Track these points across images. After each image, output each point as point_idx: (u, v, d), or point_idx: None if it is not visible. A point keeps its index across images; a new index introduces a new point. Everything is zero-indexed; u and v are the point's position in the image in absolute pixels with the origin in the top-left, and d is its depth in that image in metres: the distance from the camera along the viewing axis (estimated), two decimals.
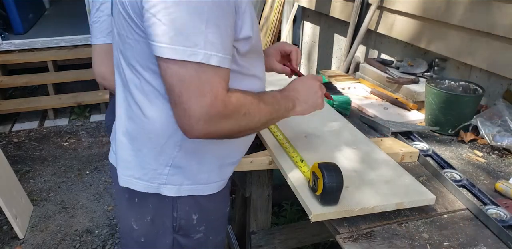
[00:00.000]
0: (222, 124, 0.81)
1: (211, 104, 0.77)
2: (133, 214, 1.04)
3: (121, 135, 0.99)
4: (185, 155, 0.95)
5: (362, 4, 2.20)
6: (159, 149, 0.94)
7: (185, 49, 0.74)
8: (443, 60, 1.80)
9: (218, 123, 0.81)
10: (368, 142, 1.22)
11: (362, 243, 0.87)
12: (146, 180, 0.97)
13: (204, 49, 0.75)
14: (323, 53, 2.95)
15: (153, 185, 0.97)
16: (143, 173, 0.97)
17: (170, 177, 0.97)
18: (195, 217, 1.03)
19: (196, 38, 0.74)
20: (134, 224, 1.04)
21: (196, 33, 0.74)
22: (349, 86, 1.80)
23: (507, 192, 1.05)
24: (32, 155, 3.16)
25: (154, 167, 0.96)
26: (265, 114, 0.91)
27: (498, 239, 0.90)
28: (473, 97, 1.37)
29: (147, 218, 1.02)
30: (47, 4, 6.03)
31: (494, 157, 1.26)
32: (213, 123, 0.80)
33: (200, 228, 1.06)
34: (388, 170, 1.07)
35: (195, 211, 1.02)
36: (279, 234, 1.71)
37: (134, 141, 0.96)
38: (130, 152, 0.97)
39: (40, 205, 2.58)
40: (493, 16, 1.48)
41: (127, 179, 0.99)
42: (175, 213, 1.01)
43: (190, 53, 0.74)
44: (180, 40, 0.74)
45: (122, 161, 1.00)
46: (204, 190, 1.01)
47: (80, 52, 4.08)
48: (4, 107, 3.58)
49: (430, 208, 0.99)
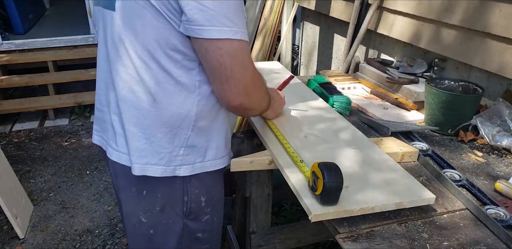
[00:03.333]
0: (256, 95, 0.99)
1: (252, 76, 0.94)
2: (141, 207, 1.09)
3: (132, 126, 1.02)
4: (197, 134, 1.04)
5: (362, 4, 2.20)
6: (174, 132, 1.01)
7: (230, 29, 0.87)
8: (442, 60, 1.80)
9: (254, 94, 0.97)
10: (368, 142, 1.22)
11: (362, 243, 0.87)
12: (163, 164, 1.03)
13: (240, 28, 0.89)
14: (323, 53, 2.96)
15: (169, 169, 1.04)
16: (159, 158, 1.03)
17: (185, 157, 1.04)
18: (203, 199, 1.12)
19: (235, 19, 0.88)
20: (142, 217, 1.09)
21: (234, 16, 0.88)
22: (349, 86, 1.80)
23: (506, 192, 1.05)
24: (33, 155, 3.16)
25: (170, 150, 1.03)
26: (267, 98, 1.11)
27: (497, 239, 0.90)
28: (473, 97, 1.37)
29: (156, 209, 1.08)
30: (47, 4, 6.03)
31: (494, 157, 1.26)
32: (252, 93, 0.96)
33: (208, 209, 1.14)
34: (388, 170, 1.07)
35: (203, 193, 1.11)
36: (279, 234, 1.71)
37: (147, 129, 1.01)
38: (144, 140, 1.02)
39: (41, 205, 2.58)
40: (493, 16, 1.48)
41: (143, 167, 1.03)
42: (186, 197, 1.08)
43: (234, 32, 0.88)
44: (226, 22, 0.86)
45: (135, 150, 1.03)
46: (214, 166, 1.10)
47: (80, 52, 4.08)
48: (5, 107, 3.58)
49: (430, 208, 0.99)
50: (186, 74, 0.98)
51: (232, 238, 1.84)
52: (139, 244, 1.16)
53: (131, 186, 1.07)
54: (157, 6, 0.88)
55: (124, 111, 1.03)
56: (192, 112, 1.01)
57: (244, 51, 0.91)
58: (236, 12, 0.88)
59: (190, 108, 1.00)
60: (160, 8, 0.88)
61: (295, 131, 1.26)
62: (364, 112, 1.56)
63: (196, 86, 0.99)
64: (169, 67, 0.95)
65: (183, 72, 0.97)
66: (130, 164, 1.05)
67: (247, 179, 1.50)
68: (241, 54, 0.90)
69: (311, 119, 1.36)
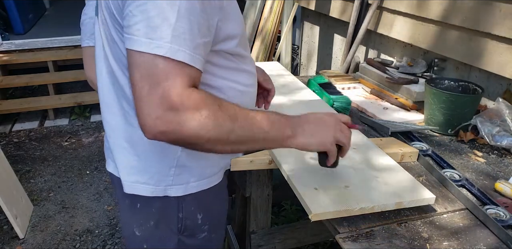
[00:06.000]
0: (178, 122, 0.72)
1: (163, 95, 0.70)
2: (135, 220, 1.01)
3: (123, 141, 0.95)
4: (188, 153, 0.93)
5: (362, 4, 2.20)
6: (163, 151, 0.92)
7: (150, 41, 0.71)
8: (442, 60, 1.80)
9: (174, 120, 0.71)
10: (368, 142, 1.22)
11: (362, 242, 0.87)
12: (152, 184, 0.95)
13: (170, 43, 0.71)
14: (323, 53, 2.96)
15: (159, 188, 0.95)
16: (148, 177, 0.95)
17: (176, 177, 0.95)
18: (200, 217, 1.02)
19: (163, 31, 0.71)
20: (136, 230, 1.02)
21: (164, 26, 0.71)
22: (348, 86, 1.80)
23: (506, 192, 1.05)
24: (33, 155, 3.16)
25: (159, 169, 0.94)
26: (242, 128, 0.78)
27: (497, 239, 0.90)
28: (473, 97, 1.37)
29: (150, 223, 1.00)
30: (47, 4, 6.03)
31: (494, 157, 1.26)
32: (169, 119, 0.71)
33: (205, 227, 1.05)
34: (388, 170, 1.07)
35: (200, 211, 1.02)
36: (279, 234, 1.71)
37: (136, 146, 0.94)
38: (133, 157, 0.95)
39: (40, 205, 2.58)
40: (493, 16, 1.49)
41: (132, 185, 0.96)
42: (181, 214, 0.99)
43: (154, 46, 0.71)
44: (147, 31, 0.71)
45: (125, 167, 0.97)
46: (209, 183, 1.00)
47: (80, 52, 4.02)
48: (5, 107, 3.58)
49: (429, 208, 0.99)
50: None
51: (232, 238, 1.84)
52: None
53: (125, 198, 0.99)
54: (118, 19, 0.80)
55: (116, 126, 0.96)
56: None
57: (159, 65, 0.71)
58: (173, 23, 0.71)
59: None
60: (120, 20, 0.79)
61: None
62: (364, 112, 1.56)
63: None
64: None
65: None
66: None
67: (247, 179, 1.51)
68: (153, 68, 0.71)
69: None
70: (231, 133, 0.77)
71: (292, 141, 0.85)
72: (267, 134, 0.82)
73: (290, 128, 0.85)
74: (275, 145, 0.87)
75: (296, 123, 0.87)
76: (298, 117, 0.89)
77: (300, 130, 0.86)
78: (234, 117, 0.77)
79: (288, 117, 0.87)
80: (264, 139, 0.82)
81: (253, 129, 0.80)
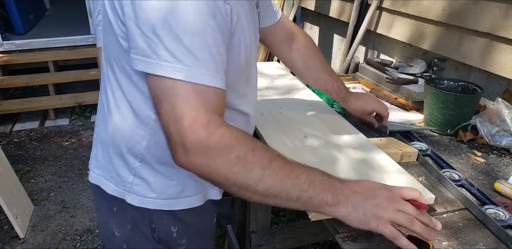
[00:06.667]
0: (203, 159, 0.68)
1: (188, 129, 0.67)
2: (114, 222, 0.98)
3: (97, 138, 0.96)
4: (147, 167, 0.88)
5: (362, 4, 2.20)
6: (122, 157, 0.89)
7: (167, 64, 0.67)
8: (442, 60, 1.81)
9: (199, 156, 0.68)
10: (368, 142, 1.22)
11: (362, 242, 0.88)
12: (114, 183, 0.91)
13: (190, 66, 0.68)
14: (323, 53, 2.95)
15: (119, 190, 0.91)
16: (110, 176, 0.92)
17: (134, 186, 0.89)
18: (175, 230, 0.95)
19: (179, 53, 0.67)
20: (115, 231, 0.98)
21: (179, 48, 0.67)
22: (348, 86, 1.80)
23: (506, 191, 1.06)
24: (33, 155, 3.16)
25: (120, 172, 0.90)
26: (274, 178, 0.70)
27: (497, 239, 0.91)
28: (472, 97, 1.37)
29: (127, 226, 0.96)
30: (48, 5, 6.05)
31: (493, 157, 1.27)
32: (194, 154, 0.68)
33: (182, 241, 0.97)
34: (387, 170, 1.07)
35: (174, 224, 0.94)
36: (279, 233, 1.71)
37: (103, 143, 0.93)
38: (103, 154, 0.93)
39: (41, 205, 2.58)
40: (493, 16, 1.49)
41: (97, 177, 0.95)
42: (153, 225, 0.93)
43: (172, 69, 0.67)
44: (163, 54, 0.67)
45: (94, 159, 0.96)
46: (174, 205, 0.91)
47: (81, 52, 4.08)
48: (5, 107, 3.59)
49: (429, 207, 1.00)
50: (144, 102, 0.81)
51: (232, 238, 1.84)
52: None
53: (104, 200, 0.96)
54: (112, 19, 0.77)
55: (97, 117, 0.97)
56: (140, 144, 0.85)
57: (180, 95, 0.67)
58: (189, 44, 0.67)
59: (139, 141, 0.84)
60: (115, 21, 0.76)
61: (295, 131, 1.26)
62: None
63: (151, 119, 0.83)
64: (126, 85, 0.82)
65: (141, 98, 0.81)
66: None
67: None
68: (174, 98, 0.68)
69: (311, 119, 1.36)
70: (259, 181, 0.70)
71: (332, 209, 0.75)
72: (303, 193, 0.72)
73: (333, 194, 0.74)
74: (312, 209, 0.76)
75: (342, 190, 0.75)
76: (347, 184, 0.77)
77: (343, 199, 0.75)
78: (268, 164, 0.71)
79: (335, 180, 0.76)
80: (298, 198, 0.73)
81: (287, 184, 0.72)
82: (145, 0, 0.67)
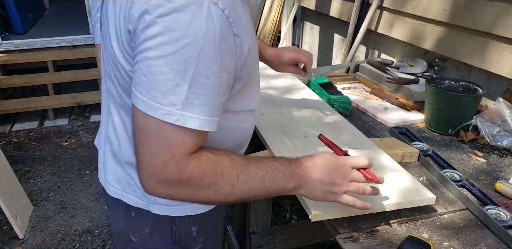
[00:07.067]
0: (175, 190, 0.73)
1: (163, 165, 0.70)
2: (131, 227, 0.99)
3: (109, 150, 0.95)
4: None
5: (362, 4, 2.20)
6: None
7: (159, 106, 0.67)
8: (443, 60, 1.80)
9: (172, 188, 0.73)
10: (368, 142, 1.22)
11: (362, 243, 0.87)
12: (136, 196, 0.92)
13: (182, 110, 0.67)
14: (323, 53, 2.95)
15: (143, 202, 0.92)
16: (132, 189, 0.92)
17: (157, 198, 0.89)
18: (195, 229, 0.99)
19: (174, 97, 0.66)
20: (132, 236, 0.99)
21: (176, 92, 0.66)
22: (349, 86, 1.80)
23: (507, 192, 1.05)
24: (32, 155, 3.16)
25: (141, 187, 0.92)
26: (242, 189, 0.77)
27: (498, 239, 0.90)
28: (473, 97, 1.37)
29: (145, 231, 0.98)
30: (47, 4, 6.04)
31: (494, 157, 1.26)
32: (166, 186, 0.72)
33: (200, 239, 1.02)
34: (388, 170, 1.07)
35: (194, 224, 0.98)
36: (279, 234, 1.71)
37: (119, 160, 0.92)
38: (118, 167, 0.93)
39: (40, 205, 2.58)
40: (493, 16, 1.48)
41: (118, 192, 0.94)
42: (175, 226, 0.96)
43: (164, 112, 0.67)
44: (157, 95, 0.66)
45: (112, 174, 0.95)
46: (194, 210, 0.95)
47: (80, 52, 4.08)
48: (4, 107, 3.58)
49: (430, 208, 0.99)
50: None
51: (232, 238, 1.84)
52: None
53: (120, 205, 0.96)
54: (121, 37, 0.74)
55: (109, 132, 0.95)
56: None
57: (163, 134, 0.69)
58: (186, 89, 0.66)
59: None
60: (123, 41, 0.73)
61: (295, 131, 1.25)
62: (364, 112, 1.56)
63: None
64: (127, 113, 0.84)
65: None
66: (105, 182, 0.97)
67: None
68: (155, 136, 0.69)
69: (311, 119, 1.36)
70: (230, 195, 0.77)
71: (295, 192, 0.84)
72: (268, 190, 0.80)
73: (294, 181, 0.82)
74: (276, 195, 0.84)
75: (301, 175, 0.82)
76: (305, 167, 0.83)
77: (303, 183, 0.83)
78: (238, 179, 0.76)
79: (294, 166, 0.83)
80: (265, 195, 0.81)
81: (254, 189, 0.79)
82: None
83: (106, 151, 0.96)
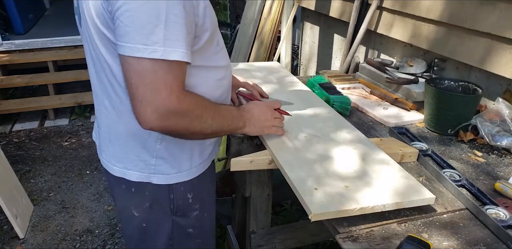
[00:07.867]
0: (175, 121, 0.88)
1: (166, 99, 0.84)
2: (132, 203, 1.12)
3: (107, 134, 1.08)
4: (166, 147, 1.05)
5: (362, 4, 2.20)
6: (143, 143, 1.03)
7: (145, 47, 0.80)
8: (442, 60, 1.81)
9: (172, 119, 0.87)
10: (368, 142, 1.22)
11: (362, 243, 0.88)
12: (137, 170, 1.06)
13: (164, 46, 0.81)
14: (323, 53, 2.96)
15: (144, 175, 1.07)
16: (133, 164, 1.06)
17: (158, 167, 1.06)
18: (190, 196, 1.13)
19: (155, 36, 0.80)
20: (134, 211, 1.13)
21: (155, 32, 0.80)
22: (348, 86, 1.80)
23: (506, 192, 1.05)
24: (33, 155, 3.16)
25: (142, 158, 1.05)
26: (217, 123, 0.99)
27: (497, 239, 0.90)
28: (473, 97, 1.37)
29: (145, 204, 1.11)
30: (48, 4, 6.04)
31: (494, 157, 1.27)
32: (167, 118, 0.86)
33: (196, 206, 1.16)
34: (388, 170, 1.07)
35: (189, 191, 1.12)
36: (279, 234, 1.71)
37: (120, 138, 1.05)
38: (117, 149, 1.07)
39: (41, 205, 2.58)
40: (493, 16, 1.49)
41: (120, 170, 1.08)
42: (172, 195, 1.10)
43: (150, 51, 0.80)
44: (142, 39, 0.80)
45: (112, 156, 1.09)
46: (190, 175, 1.11)
47: (80, 52, 4.08)
48: (5, 107, 3.58)
49: (429, 208, 0.99)
50: None
51: (232, 238, 1.84)
52: (133, 236, 1.19)
53: (120, 183, 1.10)
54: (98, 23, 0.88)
55: (101, 120, 1.09)
56: None
57: (158, 73, 0.82)
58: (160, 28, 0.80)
59: None
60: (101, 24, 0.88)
61: (295, 131, 1.26)
62: (364, 112, 1.56)
63: None
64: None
65: None
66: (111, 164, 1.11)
67: (247, 179, 1.51)
68: (152, 75, 0.82)
69: (311, 119, 1.36)
70: (209, 127, 0.97)
71: (242, 130, 1.11)
72: (229, 126, 1.05)
73: (242, 121, 1.09)
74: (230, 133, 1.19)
75: (245, 117, 1.11)
76: (245, 110, 1.12)
77: (247, 122, 1.11)
78: (214, 115, 0.97)
79: (239, 111, 1.10)
80: (227, 130, 1.07)
81: (223, 123, 1.02)
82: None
83: (102, 137, 1.11)
